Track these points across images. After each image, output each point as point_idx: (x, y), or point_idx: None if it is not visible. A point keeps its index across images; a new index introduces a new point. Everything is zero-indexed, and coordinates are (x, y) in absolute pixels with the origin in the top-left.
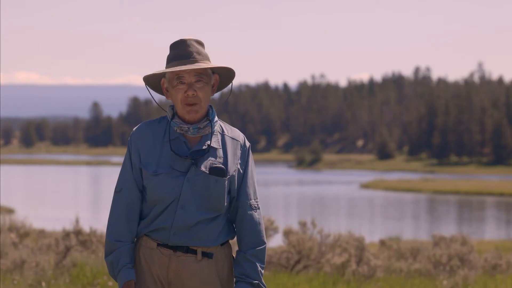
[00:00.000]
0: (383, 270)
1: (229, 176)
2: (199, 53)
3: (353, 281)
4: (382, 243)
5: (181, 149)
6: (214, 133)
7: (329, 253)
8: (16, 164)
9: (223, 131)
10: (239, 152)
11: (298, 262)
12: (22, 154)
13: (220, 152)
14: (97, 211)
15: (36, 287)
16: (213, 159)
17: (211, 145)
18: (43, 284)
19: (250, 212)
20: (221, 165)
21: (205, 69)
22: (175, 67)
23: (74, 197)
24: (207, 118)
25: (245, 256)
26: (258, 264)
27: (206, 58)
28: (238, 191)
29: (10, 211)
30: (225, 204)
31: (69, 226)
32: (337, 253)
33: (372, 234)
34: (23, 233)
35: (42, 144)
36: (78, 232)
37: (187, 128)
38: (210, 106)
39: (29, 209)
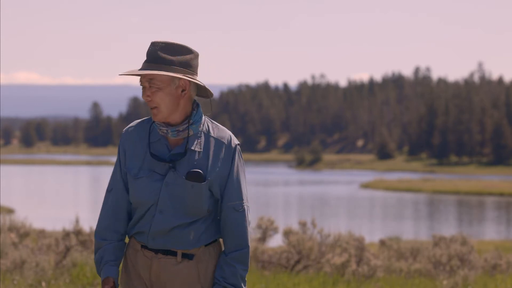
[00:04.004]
0: (383, 270)
1: (208, 180)
2: (157, 58)
3: (353, 281)
4: (382, 243)
5: (162, 152)
6: (198, 134)
7: (329, 253)
8: (16, 164)
9: (208, 131)
10: (223, 153)
11: (298, 262)
12: (22, 154)
13: (200, 155)
14: (97, 211)
15: (36, 287)
16: (192, 163)
17: (192, 148)
18: (43, 284)
19: (233, 214)
20: (198, 170)
21: (156, 74)
22: (126, 71)
23: (74, 197)
24: (188, 120)
25: (225, 259)
26: (238, 267)
27: (167, 63)
28: (222, 193)
29: (10, 211)
30: (206, 208)
31: (69, 226)
32: (337, 253)
33: (372, 234)
34: (23, 233)
35: (42, 144)
36: (78, 232)
37: (165, 131)
38: (197, 105)
39: (29, 209)
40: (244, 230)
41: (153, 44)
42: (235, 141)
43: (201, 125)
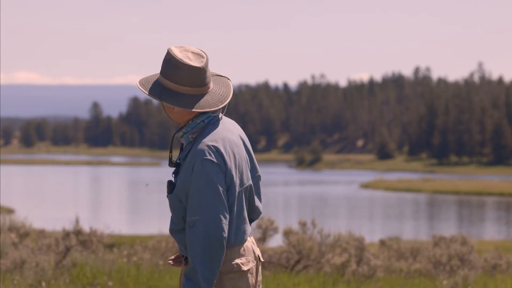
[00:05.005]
0: (383, 270)
1: (177, 193)
2: (161, 70)
3: (353, 281)
4: (382, 243)
5: None
6: (188, 143)
7: (329, 253)
8: (16, 164)
9: (194, 142)
10: (189, 168)
11: (298, 262)
12: (22, 154)
13: (181, 166)
14: (97, 211)
15: (36, 287)
16: (178, 173)
17: (179, 157)
18: (43, 284)
19: (187, 230)
20: (171, 181)
21: None
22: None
23: (74, 197)
24: (180, 129)
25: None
26: (188, 283)
27: (162, 75)
28: None
29: (10, 211)
30: (180, 218)
31: (69, 226)
32: (337, 253)
33: (372, 234)
34: (23, 233)
35: (42, 144)
36: (78, 232)
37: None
38: (198, 115)
39: (29, 209)
40: (193, 248)
41: (166, 53)
42: (200, 155)
43: (192, 135)
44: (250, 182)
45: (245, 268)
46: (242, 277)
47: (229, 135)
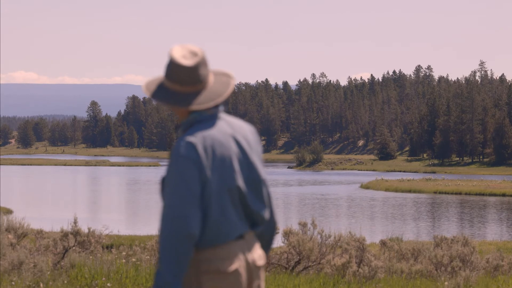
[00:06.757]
0: (384, 271)
1: (162, 186)
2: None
3: (353, 283)
4: (383, 244)
5: None
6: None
7: (329, 254)
8: (14, 165)
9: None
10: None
11: (298, 263)
12: (20, 154)
13: None
14: (95, 211)
15: None
16: None
17: None
18: (41, 285)
19: (159, 223)
20: (163, 176)
21: None
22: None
23: (73, 197)
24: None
25: None
26: (157, 277)
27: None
28: None
29: (8, 211)
30: None
31: (67, 227)
32: (337, 254)
33: (373, 235)
34: (21, 234)
35: (40, 144)
36: (76, 233)
37: None
38: (191, 113)
39: (27, 210)
40: (161, 242)
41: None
42: (175, 151)
43: (183, 132)
44: (238, 184)
45: (226, 270)
46: (223, 279)
47: (214, 133)
